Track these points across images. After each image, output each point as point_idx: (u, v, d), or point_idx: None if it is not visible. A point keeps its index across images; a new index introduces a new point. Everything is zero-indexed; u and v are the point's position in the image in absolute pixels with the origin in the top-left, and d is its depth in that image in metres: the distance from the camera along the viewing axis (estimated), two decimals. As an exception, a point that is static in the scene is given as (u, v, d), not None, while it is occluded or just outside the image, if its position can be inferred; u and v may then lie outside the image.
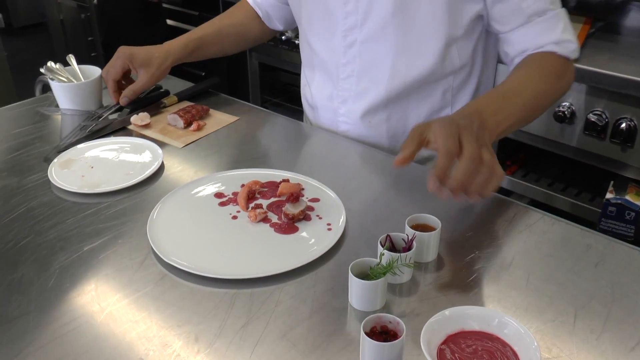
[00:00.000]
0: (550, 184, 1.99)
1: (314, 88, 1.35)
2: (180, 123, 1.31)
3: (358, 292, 0.81)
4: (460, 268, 0.90)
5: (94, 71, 1.43)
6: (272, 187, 1.08)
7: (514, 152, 2.11)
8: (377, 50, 1.19)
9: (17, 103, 1.46)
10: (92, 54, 3.32)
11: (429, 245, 0.89)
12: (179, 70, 1.46)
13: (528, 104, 1.05)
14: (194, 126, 1.31)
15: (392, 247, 0.87)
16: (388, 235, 0.87)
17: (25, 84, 2.00)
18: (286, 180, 1.08)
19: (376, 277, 0.80)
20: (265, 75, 2.75)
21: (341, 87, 1.27)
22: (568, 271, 0.89)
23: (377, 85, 1.22)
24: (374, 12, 1.16)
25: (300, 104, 1.47)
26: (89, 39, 3.34)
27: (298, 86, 1.47)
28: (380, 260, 0.82)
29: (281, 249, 0.93)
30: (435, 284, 0.87)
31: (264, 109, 1.44)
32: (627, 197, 1.72)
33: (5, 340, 0.78)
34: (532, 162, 2.10)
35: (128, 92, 1.37)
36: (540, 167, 2.07)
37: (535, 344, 0.70)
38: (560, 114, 1.80)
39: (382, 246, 0.86)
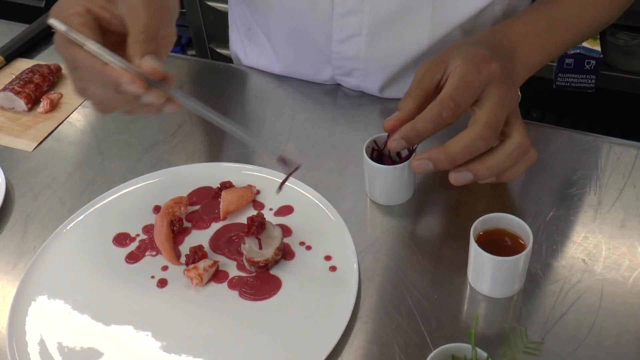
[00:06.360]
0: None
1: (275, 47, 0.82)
2: (21, 104, 0.82)
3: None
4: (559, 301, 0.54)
5: None
6: (205, 198, 0.65)
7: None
8: None
9: None
10: None
11: (514, 273, 0.53)
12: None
13: (575, 40, 0.72)
14: (44, 105, 0.82)
15: (381, 157, 0.63)
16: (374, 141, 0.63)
17: None
18: (227, 186, 0.65)
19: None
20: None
21: (337, 54, 0.76)
22: None
23: (407, 43, 0.73)
24: None
25: None
26: None
27: None
28: (474, 348, 0.45)
29: (259, 337, 0.53)
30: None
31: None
32: (585, 45, 1.49)
33: None
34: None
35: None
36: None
37: None
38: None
39: (369, 155, 0.61)
